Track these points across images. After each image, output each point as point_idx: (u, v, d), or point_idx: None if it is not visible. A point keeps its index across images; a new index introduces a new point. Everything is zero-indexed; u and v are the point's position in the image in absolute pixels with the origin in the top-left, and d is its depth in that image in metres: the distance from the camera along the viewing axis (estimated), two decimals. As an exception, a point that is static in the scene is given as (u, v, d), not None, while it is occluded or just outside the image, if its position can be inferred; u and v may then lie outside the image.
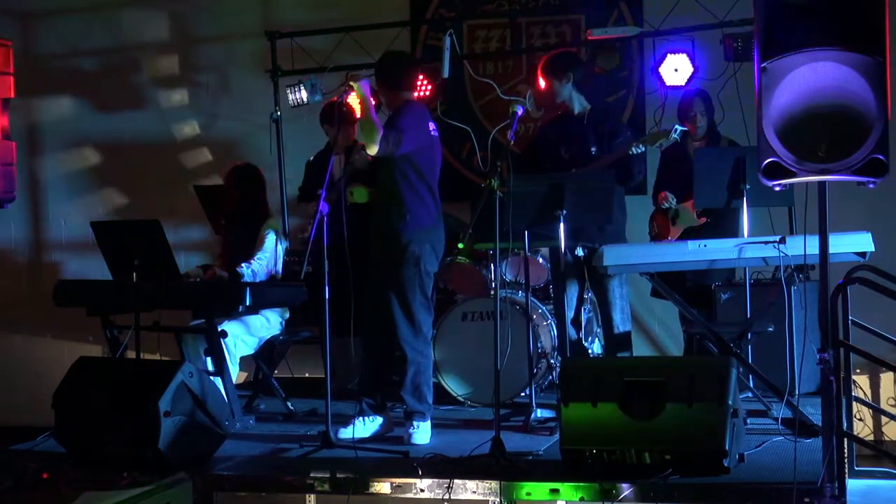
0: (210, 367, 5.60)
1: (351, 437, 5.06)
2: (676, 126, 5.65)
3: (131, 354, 5.67)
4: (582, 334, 6.20)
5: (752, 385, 5.65)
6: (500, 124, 7.06)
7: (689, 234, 6.10)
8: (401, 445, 5.06)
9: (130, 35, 8.23)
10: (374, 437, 5.22)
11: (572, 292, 5.92)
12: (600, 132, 5.82)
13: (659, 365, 5.09)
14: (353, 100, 5.00)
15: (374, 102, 5.16)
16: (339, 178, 5.78)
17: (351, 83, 5.10)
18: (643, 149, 5.65)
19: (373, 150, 5.09)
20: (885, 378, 6.83)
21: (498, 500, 4.37)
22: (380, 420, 5.30)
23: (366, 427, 5.23)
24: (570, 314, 5.91)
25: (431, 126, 5.32)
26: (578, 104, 5.88)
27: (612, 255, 5.04)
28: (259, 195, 6.20)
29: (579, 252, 5.82)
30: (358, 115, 5.85)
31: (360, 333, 5.30)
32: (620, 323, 5.91)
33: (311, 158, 6.80)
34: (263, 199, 6.25)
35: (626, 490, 4.19)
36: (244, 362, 6.12)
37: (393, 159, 5.16)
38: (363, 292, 5.21)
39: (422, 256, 5.22)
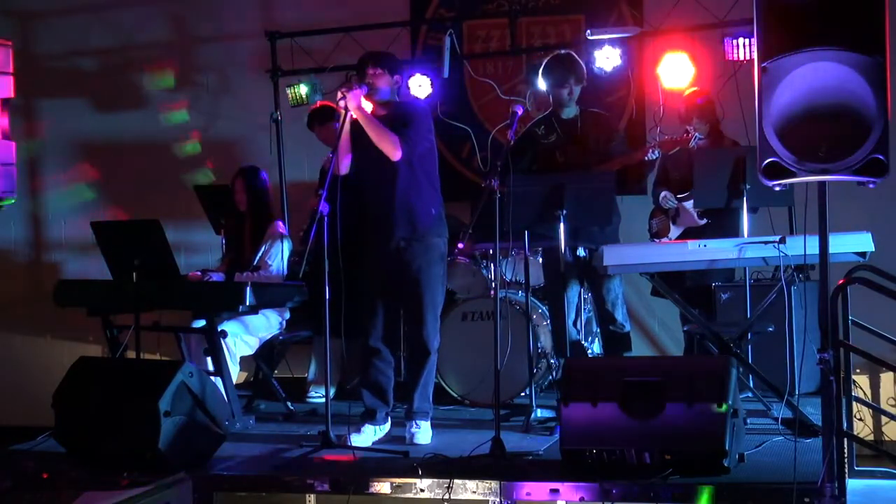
0: (210, 367, 5.60)
1: (368, 444, 5.08)
2: (697, 134, 5.66)
3: (131, 354, 5.67)
4: (581, 334, 6.20)
5: (752, 385, 5.66)
6: (500, 124, 7.07)
7: (691, 233, 6.10)
8: (401, 445, 5.06)
9: (130, 35, 8.23)
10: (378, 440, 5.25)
11: (573, 292, 5.91)
12: (596, 135, 5.81)
13: (659, 365, 5.09)
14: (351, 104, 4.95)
15: (370, 108, 5.12)
16: None
17: (347, 105, 4.98)
18: (658, 154, 5.64)
19: (396, 156, 5.05)
20: (885, 378, 6.83)
21: (498, 500, 4.37)
22: (389, 425, 5.32)
23: (376, 434, 5.23)
24: (571, 314, 5.90)
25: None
26: (572, 108, 5.87)
27: (613, 255, 5.04)
28: (265, 196, 6.25)
29: (581, 252, 5.81)
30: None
31: (375, 336, 5.22)
32: (624, 322, 5.93)
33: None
34: (268, 201, 6.29)
35: (625, 490, 4.20)
36: (244, 362, 6.13)
37: (414, 156, 5.14)
38: (366, 294, 5.19)
39: (445, 253, 5.30)
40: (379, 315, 5.20)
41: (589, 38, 6.75)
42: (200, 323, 5.74)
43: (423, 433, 5.17)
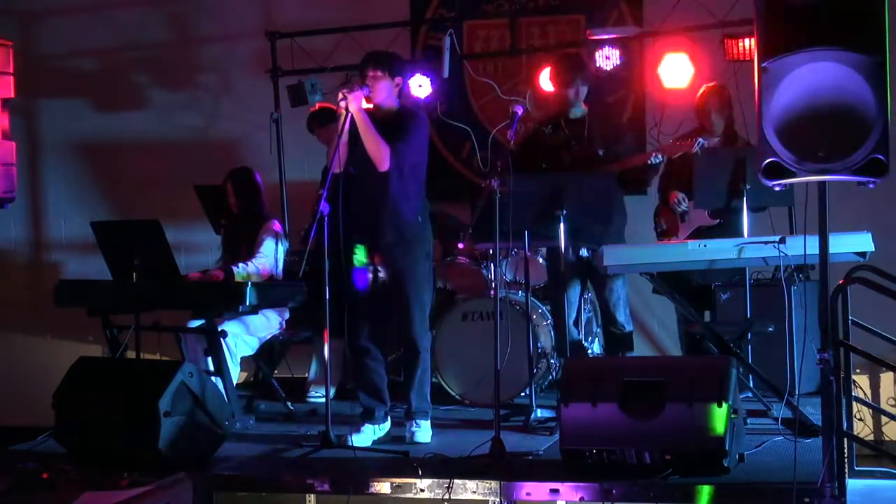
0: (210, 367, 5.60)
1: (367, 444, 5.08)
2: (700, 139, 5.67)
3: (131, 354, 5.67)
4: (582, 334, 6.20)
5: (752, 385, 5.65)
6: (500, 124, 7.06)
7: (701, 233, 6.08)
8: (401, 445, 5.06)
9: (130, 35, 8.23)
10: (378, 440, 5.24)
11: (574, 292, 5.91)
12: (604, 135, 5.82)
13: (659, 365, 5.09)
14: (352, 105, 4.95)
15: (369, 107, 5.11)
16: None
17: (348, 106, 4.97)
18: (661, 158, 5.65)
19: (383, 167, 5.05)
20: (885, 378, 6.83)
21: (498, 500, 4.37)
22: (388, 424, 5.32)
23: (376, 433, 5.23)
24: (572, 314, 5.90)
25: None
26: (580, 108, 5.88)
27: (612, 256, 5.04)
28: (257, 197, 6.23)
29: (583, 253, 5.81)
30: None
31: (363, 336, 5.23)
32: (626, 323, 5.93)
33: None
34: (261, 201, 6.27)
35: (625, 490, 4.20)
36: (244, 362, 6.13)
37: (406, 166, 5.12)
38: (360, 295, 5.20)
39: (431, 253, 5.30)
40: (366, 315, 5.20)
41: (589, 38, 6.75)
42: (198, 322, 5.74)
43: (423, 432, 5.17)
